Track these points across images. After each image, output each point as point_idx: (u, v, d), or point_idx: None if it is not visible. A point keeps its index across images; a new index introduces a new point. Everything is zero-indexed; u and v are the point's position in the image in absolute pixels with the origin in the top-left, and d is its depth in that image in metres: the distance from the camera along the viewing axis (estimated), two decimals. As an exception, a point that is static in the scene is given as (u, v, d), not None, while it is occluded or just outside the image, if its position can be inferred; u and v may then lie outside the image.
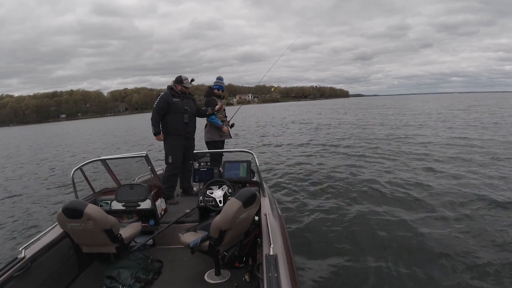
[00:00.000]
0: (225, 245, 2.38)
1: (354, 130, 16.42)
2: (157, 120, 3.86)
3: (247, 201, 2.19)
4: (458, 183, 5.89)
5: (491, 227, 4.01)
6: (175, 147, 3.89)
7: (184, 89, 3.92)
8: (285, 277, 1.73)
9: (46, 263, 2.32)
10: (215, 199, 2.99)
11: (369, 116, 26.60)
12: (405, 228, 4.11)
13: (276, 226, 2.46)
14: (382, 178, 6.59)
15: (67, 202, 2.23)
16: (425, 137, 12.14)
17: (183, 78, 3.90)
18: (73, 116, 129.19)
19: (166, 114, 3.87)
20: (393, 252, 3.57)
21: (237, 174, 3.33)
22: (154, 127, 3.88)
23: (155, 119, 3.86)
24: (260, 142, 14.29)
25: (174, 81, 3.95)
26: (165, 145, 3.93)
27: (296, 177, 7.21)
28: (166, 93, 3.89)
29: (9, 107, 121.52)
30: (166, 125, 3.88)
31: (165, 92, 3.93)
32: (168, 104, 3.83)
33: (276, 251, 1.95)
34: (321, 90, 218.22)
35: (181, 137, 3.91)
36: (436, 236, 3.85)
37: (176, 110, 3.87)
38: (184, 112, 3.90)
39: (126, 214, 3.19)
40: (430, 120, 19.77)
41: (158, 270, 2.61)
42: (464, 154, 8.51)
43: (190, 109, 3.97)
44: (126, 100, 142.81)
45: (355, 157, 9.21)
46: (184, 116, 3.90)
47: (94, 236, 2.31)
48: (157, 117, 3.86)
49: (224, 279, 2.50)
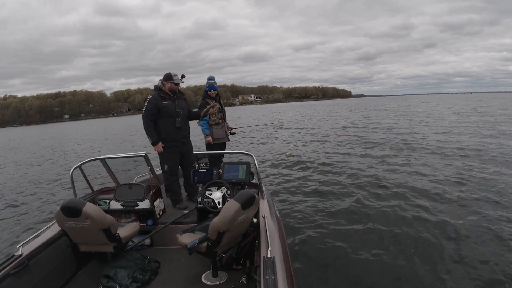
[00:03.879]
0: (223, 247, 2.37)
1: (355, 129, 16.40)
2: (151, 127, 3.51)
3: (246, 203, 2.18)
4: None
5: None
6: (170, 154, 3.61)
7: (174, 87, 3.55)
8: (282, 280, 1.72)
9: (43, 261, 2.32)
10: (213, 201, 2.99)
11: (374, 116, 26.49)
12: (407, 230, 4.08)
13: (274, 228, 2.45)
14: (386, 179, 6.52)
15: (65, 201, 2.24)
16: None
17: (172, 74, 3.54)
18: (76, 116, 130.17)
19: (157, 119, 3.53)
20: (392, 254, 3.54)
21: (236, 176, 3.32)
22: (151, 136, 3.51)
23: (149, 127, 3.50)
24: (259, 143, 14.28)
25: (162, 78, 3.57)
26: (160, 153, 3.63)
27: (295, 180, 7.19)
28: (154, 96, 3.52)
29: (12, 108, 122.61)
30: (157, 131, 3.54)
31: (153, 94, 3.56)
32: (158, 108, 3.48)
33: (273, 253, 1.93)
34: (323, 90, 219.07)
35: (176, 143, 3.62)
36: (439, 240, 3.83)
37: (168, 114, 3.52)
38: (176, 115, 3.56)
39: (124, 213, 3.19)
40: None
41: (155, 271, 2.61)
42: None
43: (182, 111, 3.62)
44: (129, 101, 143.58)
45: (357, 157, 9.20)
46: (177, 120, 3.56)
47: (92, 235, 2.31)
48: (150, 123, 3.50)
49: (221, 280, 2.49)
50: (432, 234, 3.93)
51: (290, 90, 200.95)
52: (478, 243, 3.69)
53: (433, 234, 3.93)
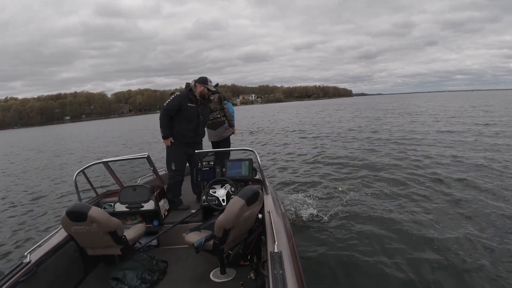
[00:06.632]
0: (230, 244, 2.37)
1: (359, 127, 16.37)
2: (165, 120, 3.48)
3: (250, 199, 2.18)
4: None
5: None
6: (180, 155, 3.59)
7: (205, 92, 3.50)
8: (290, 274, 1.71)
9: (51, 266, 2.33)
10: (218, 198, 2.99)
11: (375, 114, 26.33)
12: (415, 230, 4.01)
13: (280, 223, 2.44)
14: (396, 176, 6.43)
15: (70, 206, 2.24)
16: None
17: (208, 79, 3.49)
18: (77, 118, 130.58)
19: (175, 117, 3.49)
20: (399, 249, 3.52)
21: (239, 173, 3.31)
22: (163, 129, 3.50)
23: (164, 120, 3.48)
24: (262, 140, 14.29)
25: (196, 80, 3.51)
26: (169, 150, 3.61)
27: (299, 175, 7.20)
28: (182, 94, 3.48)
29: (13, 110, 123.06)
30: (172, 127, 3.53)
31: (182, 92, 3.51)
32: (180, 107, 3.44)
33: (280, 248, 1.93)
34: (324, 89, 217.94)
35: (188, 145, 3.60)
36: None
37: (188, 116, 3.49)
38: (197, 120, 3.53)
39: (129, 215, 3.20)
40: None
41: (164, 271, 2.62)
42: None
43: (203, 117, 3.61)
44: (130, 102, 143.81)
45: (361, 152, 9.19)
46: (197, 125, 3.55)
47: (98, 239, 2.32)
48: (166, 118, 3.48)
49: (230, 277, 2.50)
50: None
51: (290, 89, 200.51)
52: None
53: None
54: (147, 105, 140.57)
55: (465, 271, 3.05)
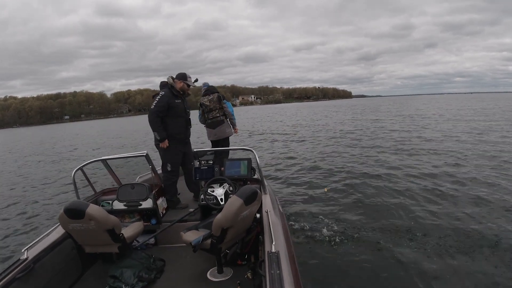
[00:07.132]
0: (227, 243, 2.38)
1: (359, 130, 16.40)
2: (158, 123, 3.40)
3: (249, 198, 2.18)
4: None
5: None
6: (175, 154, 3.56)
7: (185, 88, 3.51)
8: (287, 274, 1.72)
9: (49, 263, 2.33)
10: (216, 197, 2.99)
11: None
12: (412, 231, 4.01)
13: (277, 223, 2.44)
14: (395, 177, 6.47)
15: (68, 203, 2.24)
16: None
17: (187, 75, 3.50)
18: (77, 117, 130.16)
19: (165, 117, 3.44)
20: (396, 250, 3.52)
21: (238, 172, 3.31)
22: (159, 132, 3.40)
23: (156, 123, 3.39)
24: (262, 140, 14.29)
25: (175, 77, 3.50)
26: (164, 152, 3.54)
27: (297, 175, 7.20)
28: (166, 93, 3.42)
29: (12, 109, 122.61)
30: (165, 129, 3.47)
31: (165, 91, 3.45)
32: (169, 105, 3.41)
33: (278, 248, 1.94)
34: (324, 91, 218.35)
35: (181, 142, 3.60)
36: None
37: (177, 113, 3.48)
38: (185, 115, 3.57)
39: (127, 213, 3.20)
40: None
41: (161, 269, 2.62)
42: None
43: (189, 111, 3.67)
44: (129, 102, 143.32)
45: (359, 153, 9.20)
46: (186, 120, 3.58)
47: (96, 236, 2.32)
48: (157, 120, 3.39)
49: (227, 276, 2.50)
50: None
51: (290, 90, 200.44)
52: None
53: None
54: (147, 105, 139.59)
55: (465, 273, 3.05)
